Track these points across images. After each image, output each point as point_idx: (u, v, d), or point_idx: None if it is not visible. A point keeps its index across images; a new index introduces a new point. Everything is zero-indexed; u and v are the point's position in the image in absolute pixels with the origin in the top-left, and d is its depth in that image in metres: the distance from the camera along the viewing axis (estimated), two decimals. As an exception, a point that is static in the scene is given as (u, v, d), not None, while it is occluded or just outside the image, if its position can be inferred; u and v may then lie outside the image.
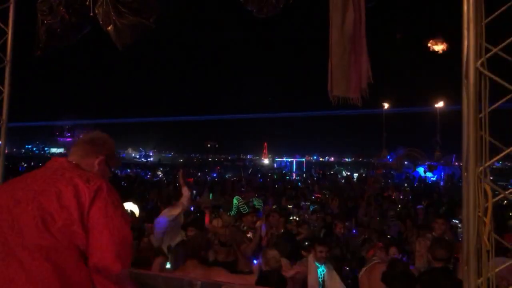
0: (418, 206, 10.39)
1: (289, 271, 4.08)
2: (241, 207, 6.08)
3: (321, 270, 4.37)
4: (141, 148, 74.05)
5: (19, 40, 3.34)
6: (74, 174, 1.75)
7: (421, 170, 26.87)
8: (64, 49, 3.24)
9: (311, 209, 9.84)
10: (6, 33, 3.28)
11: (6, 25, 3.29)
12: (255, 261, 4.83)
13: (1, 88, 3.27)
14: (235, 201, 6.25)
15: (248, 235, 5.72)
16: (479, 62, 1.92)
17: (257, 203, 6.77)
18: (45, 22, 3.11)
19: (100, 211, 1.67)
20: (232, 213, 6.23)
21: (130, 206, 7.00)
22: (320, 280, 4.33)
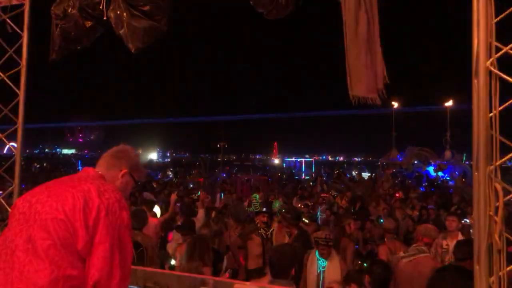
0: (429, 206, 10.34)
1: None
2: (254, 204, 6.22)
3: (322, 263, 4.60)
4: (158, 149, 74.63)
5: (33, 44, 3.42)
6: (92, 186, 1.81)
7: (431, 169, 26.65)
8: (79, 51, 3.30)
9: (319, 209, 9.87)
10: (21, 37, 3.35)
11: (21, 29, 3.36)
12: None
13: (17, 91, 3.35)
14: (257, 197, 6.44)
15: (260, 231, 5.89)
16: (489, 61, 1.92)
17: (278, 204, 6.88)
18: (59, 26, 3.17)
19: (102, 230, 1.72)
20: (252, 209, 6.39)
21: (155, 209, 7.14)
22: (318, 272, 4.56)
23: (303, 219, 7.00)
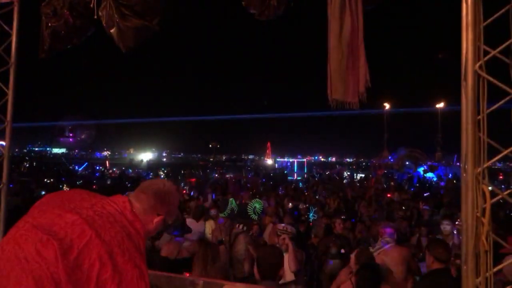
0: (424, 207, 10.40)
1: None
2: (226, 210, 6.19)
3: None
4: (153, 149, 74.26)
5: (23, 42, 3.38)
6: (103, 248, 1.48)
7: (421, 170, 26.87)
8: (69, 50, 3.27)
9: (311, 211, 9.88)
10: (10, 35, 3.31)
11: (11, 27, 3.33)
12: None
13: (6, 89, 3.31)
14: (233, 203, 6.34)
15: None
16: (478, 64, 1.95)
17: (258, 205, 6.79)
18: (49, 24, 3.14)
19: None
20: (225, 214, 6.32)
21: None
22: None
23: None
